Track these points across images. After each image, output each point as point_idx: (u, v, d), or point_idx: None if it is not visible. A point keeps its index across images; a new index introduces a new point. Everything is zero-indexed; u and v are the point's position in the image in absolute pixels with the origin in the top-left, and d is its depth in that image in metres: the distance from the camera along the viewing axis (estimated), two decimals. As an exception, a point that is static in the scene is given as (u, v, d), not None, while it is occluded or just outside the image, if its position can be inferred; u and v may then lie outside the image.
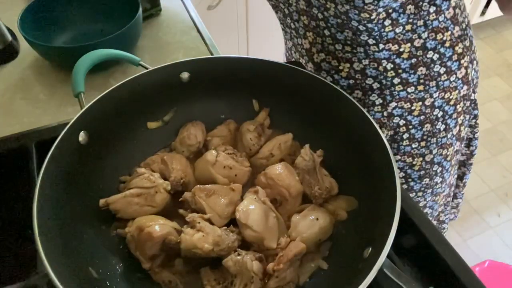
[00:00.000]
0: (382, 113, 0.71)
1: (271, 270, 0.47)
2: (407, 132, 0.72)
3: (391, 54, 0.64)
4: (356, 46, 0.64)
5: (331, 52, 0.68)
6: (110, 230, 0.54)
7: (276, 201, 0.56)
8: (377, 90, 0.68)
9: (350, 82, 0.69)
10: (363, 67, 0.66)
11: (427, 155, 0.74)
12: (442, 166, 0.77)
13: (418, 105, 0.69)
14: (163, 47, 0.92)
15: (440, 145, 0.74)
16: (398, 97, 0.68)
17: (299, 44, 0.73)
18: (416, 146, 0.73)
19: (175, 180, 0.56)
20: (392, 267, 0.40)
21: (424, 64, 0.65)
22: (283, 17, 0.72)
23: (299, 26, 0.70)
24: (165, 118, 0.64)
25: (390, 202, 0.44)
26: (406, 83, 0.67)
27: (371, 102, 0.70)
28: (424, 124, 0.71)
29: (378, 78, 0.67)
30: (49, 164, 0.47)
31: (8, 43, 0.85)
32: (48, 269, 0.39)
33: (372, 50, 0.64)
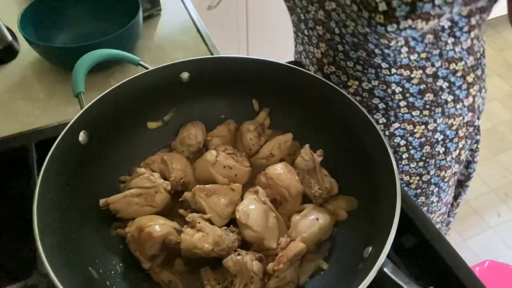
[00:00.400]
0: (384, 132, 0.70)
1: (271, 270, 0.47)
2: (406, 152, 0.72)
3: (401, 79, 0.63)
4: (368, 67, 0.63)
5: (342, 67, 0.67)
6: (110, 230, 0.54)
7: (276, 201, 0.56)
8: (382, 110, 0.68)
9: (356, 98, 0.68)
10: (372, 87, 0.66)
11: (425, 175, 0.74)
12: (439, 186, 0.77)
13: (420, 128, 0.69)
14: (163, 47, 0.92)
15: (438, 167, 0.74)
16: (402, 119, 0.68)
17: (311, 52, 0.72)
18: (414, 166, 0.73)
19: (175, 180, 0.56)
20: (392, 267, 0.40)
21: (432, 91, 0.65)
22: (297, 21, 0.70)
23: (312, 34, 0.69)
24: (165, 118, 0.64)
25: (390, 202, 0.44)
26: (412, 106, 0.66)
27: (375, 120, 0.69)
28: (424, 146, 0.71)
29: (385, 100, 0.66)
30: (49, 164, 0.47)
31: (8, 43, 0.85)
32: (48, 269, 0.39)
33: (383, 73, 0.63)
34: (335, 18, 0.61)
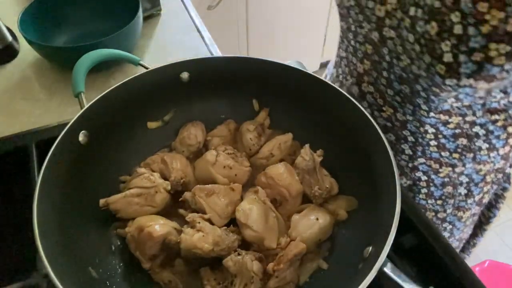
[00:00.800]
0: (407, 163, 0.68)
1: (271, 270, 0.47)
2: (426, 188, 0.69)
3: (437, 122, 0.60)
4: (407, 102, 0.61)
5: (381, 91, 0.64)
6: (110, 230, 0.54)
7: (276, 201, 0.56)
8: (410, 143, 0.65)
9: (387, 124, 0.66)
10: (405, 120, 0.63)
11: (441, 212, 0.72)
12: (453, 225, 0.74)
13: (447, 169, 0.66)
14: (163, 47, 0.92)
15: (457, 207, 0.71)
16: (430, 156, 0.65)
17: (353, 63, 0.68)
18: (432, 202, 0.70)
19: (175, 180, 0.56)
20: (392, 267, 0.40)
21: (467, 136, 0.61)
22: (346, 29, 0.66)
23: (359, 49, 0.64)
24: (165, 118, 0.64)
25: (390, 202, 0.44)
26: (442, 147, 0.63)
27: (401, 149, 0.67)
28: (446, 186, 0.68)
29: (416, 135, 0.63)
30: (49, 164, 0.47)
31: (8, 43, 0.85)
32: (48, 269, 0.39)
33: (420, 113, 0.60)
34: (390, 46, 0.57)
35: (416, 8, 0.48)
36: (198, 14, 1.02)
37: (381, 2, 0.54)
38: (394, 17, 0.53)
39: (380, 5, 0.55)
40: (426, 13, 0.46)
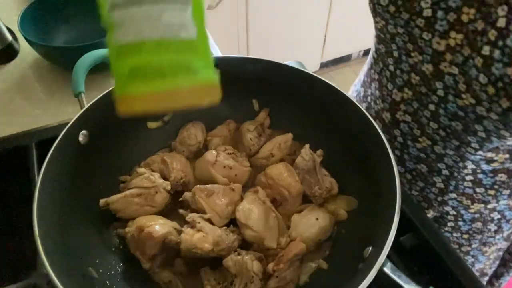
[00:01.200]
0: (436, 197, 0.64)
1: (271, 270, 0.47)
2: (453, 222, 0.66)
3: (481, 159, 0.56)
4: (452, 137, 0.56)
5: (421, 123, 0.58)
6: (110, 230, 0.54)
7: (276, 201, 0.56)
8: (443, 176, 0.61)
9: (421, 155, 0.61)
10: (444, 154, 0.58)
11: (465, 246, 0.68)
12: (476, 258, 0.71)
13: (479, 206, 0.62)
14: (163, 47, 0.92)
15: (484, 242, 0.68)
16: (462, 191, 0.61)
17: (386, 88, 0.62)
18: (458, 236, 0.67)
19: (175, 180, 0.56)
20: (392, 267, 0.40)
21: (507, 172, 0.58)
22: (385, 54, 0.60)
23: (401, 76, 0.59)
24: (165, 118, 0.64)
25: (390, 202, 0.44)
26: (478, 183, 0.60)
27: (432, 181, 0.63)
28: (476, 221, 0.64)
29: (452, 169, 0.59)
30: (49, 164, 0.47)
31: (8, 43, 0.85)
32: (48, 269, 0.39)
33: (466, 150, 0.56)
34: (448, 82, 0.51)
35: (492, 48, 0.44)
36: (198, 14, 1.02)
37: (441, 36, 0.50)
38: (459, 53, 0.48)
39: (439, 38, 0.50)
40: (507, 55, 0.43)
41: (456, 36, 0.48)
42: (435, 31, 0.50)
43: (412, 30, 0.52)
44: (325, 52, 2.36)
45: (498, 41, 0.43)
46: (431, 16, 0.49)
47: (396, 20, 0.53)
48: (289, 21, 2.02)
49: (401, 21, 0.53)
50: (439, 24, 0.49)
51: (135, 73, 0.26)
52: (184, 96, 0.28)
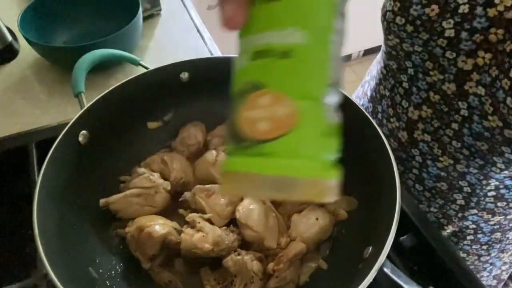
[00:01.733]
0: (457, 213, 0.62)
1: (271, 270, 0.47)
2: (473, 235, 0.64)
3: (505, 177, 0.54)
4: (477, 157, 0.53)
5: (442, 142, 0.55)
6: (110, 230, 0.54)
7: (276, 201, 0.56)
8: (465, 193, 0.59)
9: (441, 174, 0.58)
10: (466, 172, 0.56)
11: (484, 256, 0.68)
12: (493, 265, 0.70)
13: (499, 218, 0.61)
14: (163, 47, 0.92)
15: (502, 250, 0.67)
16: (483, 207, 0.59)
17: (402, 107, 0.58)
18: (477, 248, 0.66)
19: (175, 180, 0.56)
20: (392, 267, 0.40)
21: None
22: (397, 70, 0.57)
23: (418, 94, 0.55)
24: (165, 118, 0.64)
25: (390, 202, 0.44)
26: (500, 198, 0.58)
27: (452, 199, 0.61)
28: (495, 232, 0.63)
29: (474, 186, 0.57)
30: (49, 164, 0.47)
31: (8, 43, 0.85)
32: (48, 269, 0.39)
33: (491, 169, 0.53)
34: (473, 103, 0.49)
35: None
36: (198, 14, 1.02)
37: (468, 55, 0.47)
38: (487, 73, 0.46)
39: (466, 57, 0.47)
40: None
41: (485, 56, 0.46)
42: (460, 50, 0.48)
43: (432, 49, 0.50)
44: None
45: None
46: (454, 37, 0.47)
47: (414, 40, 0.50)
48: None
49: (420, 40, 0.50)
50: (464, 44, 0.47)
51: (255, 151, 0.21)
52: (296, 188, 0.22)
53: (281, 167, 0.21)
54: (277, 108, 0.21)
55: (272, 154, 0.21)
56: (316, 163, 0.22)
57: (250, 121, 0.21)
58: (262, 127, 0.21)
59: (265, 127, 0.21)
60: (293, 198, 0.22)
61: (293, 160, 0.21)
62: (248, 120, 0.21)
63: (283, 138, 0.21)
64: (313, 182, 0.22)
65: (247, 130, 0.21)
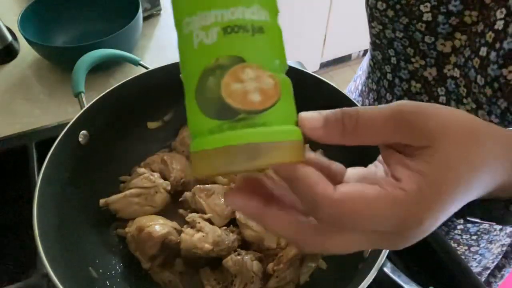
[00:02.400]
0: None
1: (271, 270, 0.47)
2: (462, 225, 0.66)
3: None
4: None
5: None
6: (110, 230, 0.54)
7: (276, 201, 0.56)
8: None
9: None
10: None
11: (474, 246, 0.70)
12: (483, 256, 0.73)
13: None
14: (163, 47, 0.92)
15: (490, 241, 0.69)
16: None
17: (386, 100, 0.61)
18: (467, 238, 0.68)
19: (175, 180, 0.56)
20: (392, 267, 0.40)
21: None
22: (382, 61, 0.59)
23: (399, 85, 0.57)
24: (165, 118, 0.64)
25: (390, 202, 0.44)
26: None
27: None
28: None
29: None
30: (49, 164, 0.47)
31: (8, 43, 0.85)
32: (48, 269, 0.39)
33: None
34: (450, 87, 0.51)
35: (489, 50, 0.44)
36: (198, 14, 1.02)
37: (446, 37, 0.49)
38: (462, 54, 0.48)
39: (444, 40, 0.49)
40: (501, 57, 0.43)
41: (461, 37, 0.48)
42: (438, 34, 0.50)
43: (413, 34, 0.52)
44: (325, 52, 2.36)
45: (496, 43, 0.44)
46: (432, 20, 0.49)
47: (395, 25, 0.52)
48: (289, 21, 2.01)
49: (400, 25, 0.52)
50: (441, 27, 0.49)
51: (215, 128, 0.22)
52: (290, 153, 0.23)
53: (277, 133, 0.22)
54: (263, 80, 0.22)
55: (266, 124, 0.22)
56: (296, 127, 0.25)
57: (241, 93, 0.22)
58: (255, 99, 0.22)
59: (257, 98, 0.22)
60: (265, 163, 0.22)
61: (285, 126, 0.23)
62: (238, 93, 0.22)
63: (272, 108, 0.22)
64: (297, 143, 0.24)
65: (238, 101, 0.22)
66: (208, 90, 0.23)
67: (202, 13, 0.22)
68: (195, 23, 0.23)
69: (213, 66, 0.22)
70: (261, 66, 0.22)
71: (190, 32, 0.23)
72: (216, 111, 0.22)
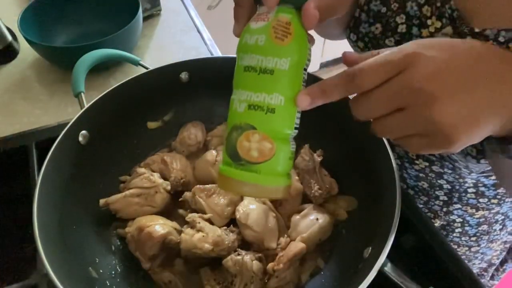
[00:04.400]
0: (441, 208, 0.65)
1: (271, 270, 0.47)
2: (460, 228, 0.67)
3: (479, 176, 0.56)
4: (446, 160, 0.56)
5: None
6: (110, 230, 0.54)
7: (276, 201, 0.56)
8: (446, 190, 0.61)
9: (420, 175, 0.61)
10: (443, 172, 0.58)
11: (474, 247, 0.70)
12: (484, 254, 0.73)
13: (483, 213, 0.63)
14: (163, 47, 0.92)
15: (491, 240, 0.70)
16: (466, 202, 0.62)
17: None
18: (466, 239, 0.69)
19: (175, 180, 0.56)
20: (392, 267, 0.40)
21: None
22: None
23: None
24: (165, 118, 0.64)
25: (390, 202, 0.44)
26: (481, 195, 0.60)
27: (435, 195, 0.63)
28: (482, 225, 0.66)
29: (453, 183, 0.60)
30: (49, 164, 0.47)
31: (8, 43, 0.85)
32: (48, 269, 0.39)
33: (461, 170, 0.55)
34: None
35: None
36: (198, 14, 1.02)
37: None
38: None
39: None
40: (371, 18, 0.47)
41: None
42: None
43: None
44: (325, 52, 2.36)
45: None
46: None
47: None
48: (289, 21, 2.01)
49: None
50: None
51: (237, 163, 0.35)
52: (266, 191, 0.36)
53: (263, 179, 0.35)
54: (263, 144, 0.34)
55: (258, 171, 0.34)
56: (282, 177, 0.36)
57: (246, 149, 0.34)
58: (254, 155, 0.34)
59: (256, 155, 0.34)
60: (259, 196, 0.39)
61: (271, 176, 0.35)
62: (245, 148, 0.34)
63: (265, 162, 0.34)
64: (279, 188, 0.36)
65: (243, 154, 0.34)
66: (231, 140, 0.35)
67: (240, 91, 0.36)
68: (235, 95, 0.36)
69: (237, 126, 0.35)
70: (265, 134, 0.34)
71: (232, 99, 0.36)
72: (232, 154, 0.35)
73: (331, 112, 0.58)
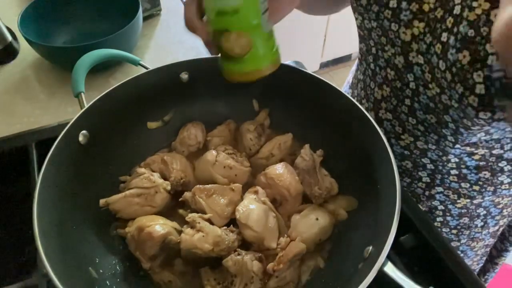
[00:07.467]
0: (424, 191, 0.66)
1: (271, 270, 0.47)
2: (442, 217, 0.67)
3: (462, 153, 0.57)
4: (431, 132, 0.57)
5: (401, 120, 0.60)
6: (110, 230, 0.54)
7: (276, 201, 0.56)
8: (429, 170, 0.62)
9: (405, 152, 0.62)
10: (427, 148, 0.60)
11: (454, 241, 0.70)
12: (465, 254, 0.73)
13: (465, 201, 0.64)
14: (163, 47, 0.92)
15: (472, 238, 0.70)
16: (448, 185, 0.63)
17: (370, 88, 0.65)
18: (447, 231, 0.69)
19: (175, 180, 0.56)
20: (392, 267, 0.40)
21: (491, 170, 0.59)
22: (366, 52, 0.62)
23: (379, 73, 0.61)
24: (165, 118, 0.64)
25: (390, 202, 0.44)
26: (463, 178, 0.61)
27: (418, 177, 0.65)
28: (463, 217, 0.66)
29: (436, 163, 0.60)
30: (49, 164, 0.47)
31: (8, 43, 0.85)
32: (48, 269, 0.39)
33: (445, 144, 0.57)
34: (417, 73, 0.53)
35: (449, 35, 0.46)
36: (198, 14, 1.02)
37: (406, 25, 0.51)
38: (423, 41, 0.50)
39: (405, 28, 0.52)
40: (459, 41, 0.44)
41: (419, 25, 0.51)
42: (401, 21, 0.52)
43: (382, 23, 0.55)
44: (325, 52, 2.36)
45: (454, 28, 0.45)
46: (396, 7, 0.52)
47: (369, 14, 0.56)
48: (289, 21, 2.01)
49: (373, 14, 0.55)
50: (404, 14, 0.52)
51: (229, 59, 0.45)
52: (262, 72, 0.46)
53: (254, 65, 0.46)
54: (240, 40, 0.42)
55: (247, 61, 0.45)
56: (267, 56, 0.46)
57: (230, 48, 0.43)
58: (237, 51, 0.43)
59: (238, 51, 0.43)
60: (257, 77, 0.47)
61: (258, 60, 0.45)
62: (228, 48, 0.43)
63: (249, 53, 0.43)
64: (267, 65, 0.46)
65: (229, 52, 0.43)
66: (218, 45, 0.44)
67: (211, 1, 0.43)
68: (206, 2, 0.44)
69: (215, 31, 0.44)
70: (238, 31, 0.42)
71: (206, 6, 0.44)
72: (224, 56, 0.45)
73: (331, 112, 0.58)
